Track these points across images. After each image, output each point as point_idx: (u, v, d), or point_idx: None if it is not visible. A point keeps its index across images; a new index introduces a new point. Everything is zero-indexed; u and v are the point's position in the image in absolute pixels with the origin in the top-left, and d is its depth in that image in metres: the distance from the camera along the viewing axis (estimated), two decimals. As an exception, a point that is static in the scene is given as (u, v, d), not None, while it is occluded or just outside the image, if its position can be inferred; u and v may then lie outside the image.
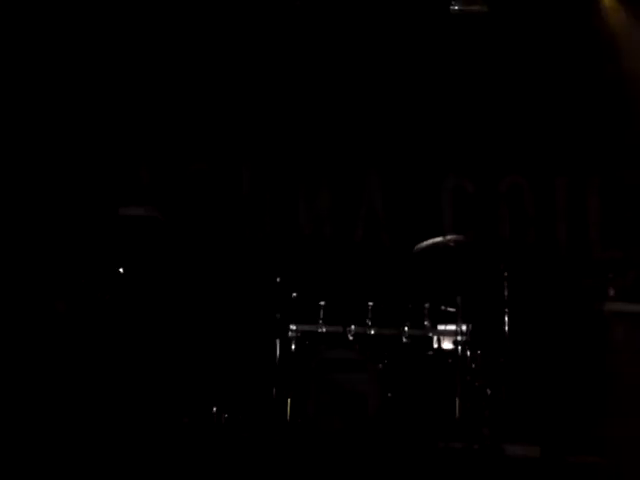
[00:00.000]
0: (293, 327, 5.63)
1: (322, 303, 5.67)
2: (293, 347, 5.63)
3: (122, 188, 6.49)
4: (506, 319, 5.50)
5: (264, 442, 5.16)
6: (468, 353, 5.44)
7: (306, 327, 5.67)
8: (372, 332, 5.63)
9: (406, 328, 5.60)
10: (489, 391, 5.38)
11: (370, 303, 5.65)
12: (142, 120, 6.56)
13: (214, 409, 5.35)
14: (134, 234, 5.20)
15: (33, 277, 5.67)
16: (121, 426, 4.82)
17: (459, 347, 5.44)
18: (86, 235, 6.03)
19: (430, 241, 5.70)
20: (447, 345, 5.63)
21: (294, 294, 5.68)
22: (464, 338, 5.45)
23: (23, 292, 5.62)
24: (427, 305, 5.64)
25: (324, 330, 5.66)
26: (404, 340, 5.60)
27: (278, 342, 5.61)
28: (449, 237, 5.64)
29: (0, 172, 5.89)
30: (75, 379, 4.98)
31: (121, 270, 5.10)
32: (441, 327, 5.66)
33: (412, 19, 6.60)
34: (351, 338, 5.63)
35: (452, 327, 5.55)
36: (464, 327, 5.46)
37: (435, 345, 5.63)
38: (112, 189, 6.43)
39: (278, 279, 5.70)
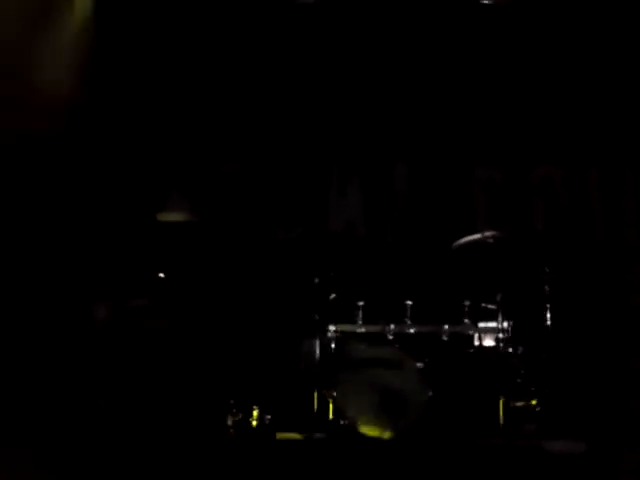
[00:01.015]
0: (332, 328, 5.62)
1: (361, 303, 5.67)
2: (333, 347, 5.63)
3: (157, 192, 6.53)
4: (548, 314, 5.46)
5: (307, 443, 5.18)
6: (510, 350, 5.42)
7: (345, 327, 5.67)
8: (412, 331, 5.61)
9: (446, 326, 5.58)
10: (532, 387, 5.35)
11: (409, 302, 5.63)
12: (173, 124, 6.57)
13: (256, 410, 5.36)
14: (173, 239, 5.21)
15: (73, 283, 5.70)
16: (165, 430, 4.84)
17: (501, 344, 5.42)
18: (125, 241, 6.07)
19: (468, 238, 5.68)
20: (488, 342, 5.60)
21: (332, 295, 5.67)
22: (505, 335, 5.42)
23: (64, 298, 5.66)
24: (467, 302, 5.61)
25: (363, 330, 5.65)
26: (444, 338, 5.58)
27: (318, 343, 5.61)
28: (487, 233, 5.61)
29: (37, 180, 5.92)
30: (117, 384, 5.00)
31: (161, 275, 5.11)
32: (482, 324, 5.64)
33: (441, 10, 6.55)
34: (391, 337, 5.62)
35: (493, 324, 5.53)
36: (505, 324, 5.43)
37: (476, 342, 5.62)
38: (148, 194, 6.47)
39: (316, 280, 5.70)
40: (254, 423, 5.30)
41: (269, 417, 5.33)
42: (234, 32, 6.62)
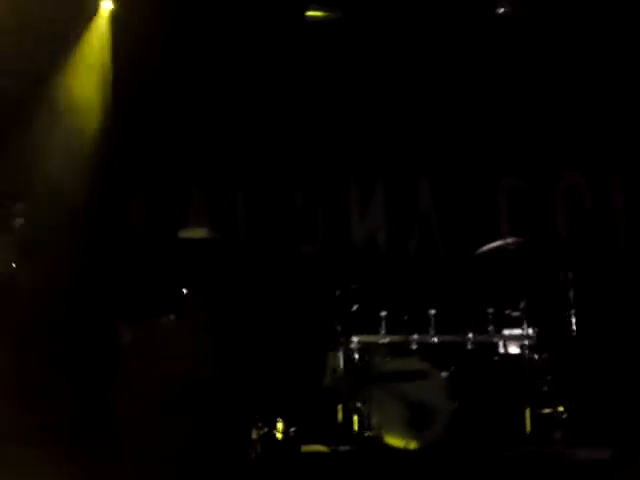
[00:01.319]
0: (355, 339, 5.61)
1: (383, 314, 5.64)
2: (356, 359, 5.61)
3: (178, 210, 6.59)
4: (573, 320, 5.40)
5: (332, 455, 5.16)
6: (535, 357, 5.36)
7: (368, 338, 5.65)
8: (435, 340, 5.58)
9: (470, 334, 5.54)
10: (558, 394, 5.28)
11: (432, 311, 5.59)
12: (196, 144, 6.64)
13: (281, 423, 5.36)
14: (197, 256, 5.25)
15: (98, 302, 5.77)
16: (192, 445, 4.84)
17: (526, 351, 5.37)
18: (148, 258, 6.13)
19: (490, 245, 5.64)
20: (513, 350, 5.55)
21: (355, 306, 5.66)
22: (530, 342, 5.37)
23: (87, 319, 5.72)
24: (491, 310, 5.56)
25: (387, 340, 5.62)
26: (469, 347, 5.54)
27: (341, 354, 5.60)
28: (509, 240, 5.58)
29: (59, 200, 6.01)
30: (142, 401, 5.02)
31: (185, 291, 5.15)
32: (506, 332, 5.58)
33: (459, 23, 6.56)
34: (414, 347, 5.58)
35: (517, 331, 5.48)
36: (530, 331, 5.39)
37: (501, 350, 5.56)
38: (171, 212, 6.53)
39: (337, 292, 5.69)
40: (279, 436, 5.29)
41: (294, 430, 5.32)
42: (254, 55, 6.68)
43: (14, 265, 5.24)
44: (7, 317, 5.11)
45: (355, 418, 5.46)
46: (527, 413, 5.20)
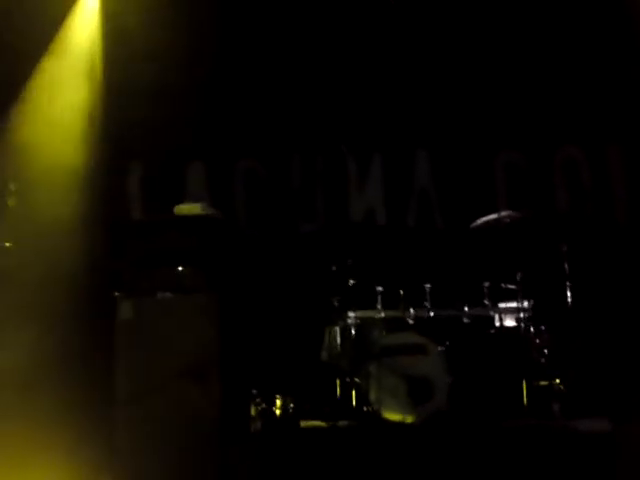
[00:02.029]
0: (352, 314, 5.61)
1: (380, 289, 5.64)
2: (353, 333, 5.61)
3: (174, 185, 6.58)
4: (568, 293, 5.39)
5: (331, 430, 5.17)
6: (532, 329, 5.36)
7: (365, 313, 5.65)
8: (432, 314, 5.57)
9: (466, 308, 5.53)
10: (555, 367, 5.29)
11: (428, 285, 5.59)
12: (192, 119, 6.60)
13: (279, 400, 5.37)
14: (194, 232, 5.23)
15: (97, 280, 5.78)
16: (190, 422, 4.86)
17: (522, 324, 5.36)
18: (145, 235, 6.10)
19: (485, 218, 5.63)
20: (509, 323, 5.55)
21: (351, 281, 5.65)
22: (526, 314, 5.37)
23: (89, 295, 5.73)
24: (486, 284, 5.55)
25: (383, 315, 5.63)
26: (465, 320, 5.53)
27: (338, 329, 5.61)
28: (503, 213, 5.55)
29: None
30: (141, 377, 5.02)
31: (180, 268, 5.13)
32: (502, 305, 5.58)
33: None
34: (411, 322, 5.59)
35: (513, 304, 5.47)
36: (526, 303, 5.38)
37: (497, 323, 5.56)
38: (168, 188, 6.53)
39: (334, 268, 5.68)
40: (278, 412, 5.31)
41: (292, 405, 5.34)
42: (250, 26, 6.63)
43: (8, 245, 5.24)
44: (4, 297, 5.12)
45: (353, 393, 5.48)
46: (524, 386, 5.20)
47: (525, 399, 5.20)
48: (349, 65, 6.60)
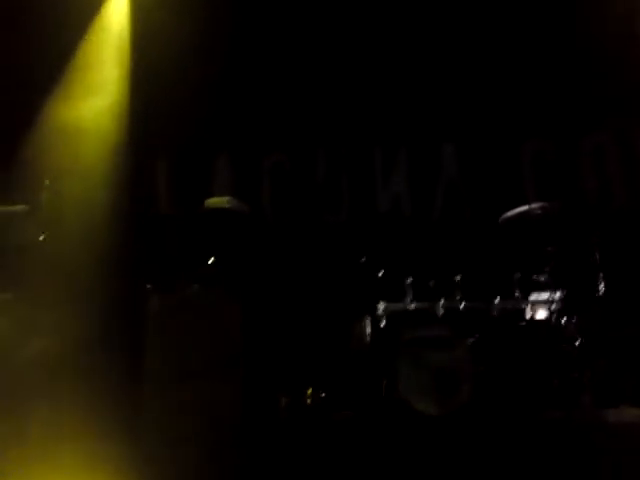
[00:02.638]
0: (382, 306, 5.62)
1: (409, 280, 5.64)
2: (382, 326, 5.62)
3: (202, 181, 6.61)
4: (600, 283, 5.36)
5: (361, 421, 5.19)
6: (563, 321, 5.34)
7: (394, 305, 5.65)
8: (461, 307, 5.57)
9: (496, 300, 5.52)
10: (587, 358, 5.26)
11: (458, 277, 5.58)
12: (218, 112, 6.63)
13: (310, 389, 5.40)
14: (220, 226, 5.26)
15: (127, 273, 5.82)
16: (222, 413, 4.89)
17: (553, 316, 5.34)
18: (173, 229, 6.16)
19: (516, 210, 5.60)
20: (540, 315, 5.52)
21: (380, 273, 5.66)
22: (558, 306, 5.34)
23: (115, 288, 5.78)
24: (517, 276, 5.53)
25: (413, 307, 5.63)
26: (495, 313, 5.51)
27: (368, 321, 5.61)
28: (535, 205, 5.53)
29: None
30: (170, 370, 5.07)
31: (210, 262, 5.18)
32: (533, 297, 5.56)
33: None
34: (440, 314, 5.58)
35: (544, 296, 5.45)
36: (557, 295, 5.35)
37: (528, 316, 5.54)
38: (196, 182, 6.56)
39: (363, 260, 5.69)
40: (308, 403, 5.33)
41: (323, 396, 5.36)
42: (276, 20, 6.64)
43: (41, 238, 5.30)
44: (38, 289, 5.19)
45: (383, 385, 5.48)
46: (555, 378, 5.18)
47: (556, 391, 5.17)
48: (376, 58, 6.59)
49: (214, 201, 5.90)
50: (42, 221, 5.30)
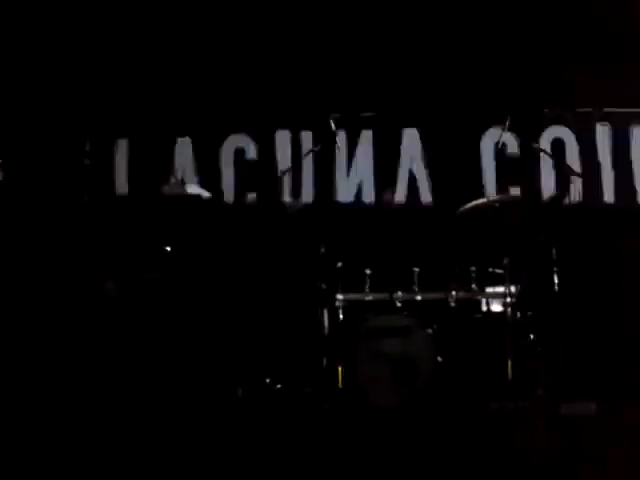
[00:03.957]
0: (340, 297, 5.62)
1: (368, 271, 5.64)
2: (341, 316, 5.62)
3: (159, 165, 6.53)
4: (555, 278, 5.41)
5: (318, 412, 5.21)
6: (518, 314, 5.39)
7: (353, 296, 5.66)
8: (419, 298, 5.58)
9: (453, 292, 5.54)
10: (541, 351, 5.33)
11: (416, 269, 5.59)
12: (179, 95, 6.54)
13: (267, 380, 5.39)
14: (179, 212, 5.21)
15: (81, 259, 5.75)
16: (175, 402, 4.88)
17: (508, 309, 5.38)
18: (131, 215, 6.08)
19: (473, 203, 5.62)
20: (496, 307, 5.57)
21: (339, 264, 5.65)
22: (513, 299, 5.39)
23: (72, 273, 5.70)
24: (474, 268, 5.55)
25: (371, 298, 5.64)
26: (452, 304, 5.55)
27: (326, 312, 5.61)
28: (492, 197, 5.55)
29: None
30: (128, 359, 5.04)
31: (168, 249, 5.12)
32: (489, 289, 5.59)
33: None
34: (399, 305, 5.60)
35: (500, 289, 5.48)
36: (513, 288, 5.40)
37: (484, 308, 5.58)
38: (153, 168, 6.48)
39: (322, 250, 5.68)
40: (264, 394, 5.33)
41: (279, 387, 5.36)
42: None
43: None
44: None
45: (340, 375, 5.50)
46: (509, 370, 5.24)
47: (510, 382, 5.24)
48: (339, 40, 6.54)
49: (173, 186, 5.84)
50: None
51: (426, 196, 6.56)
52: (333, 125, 5.64)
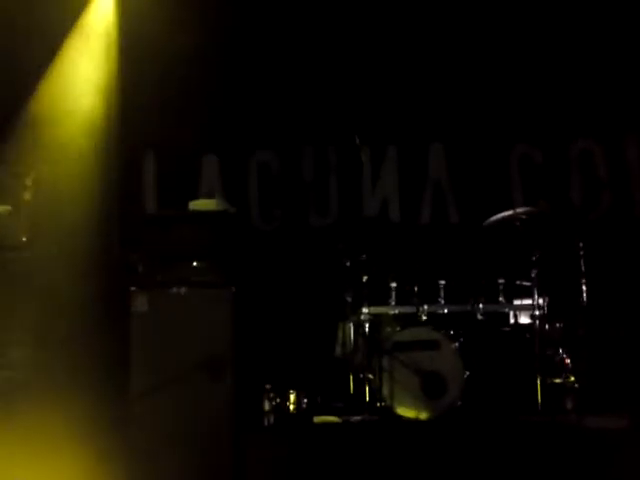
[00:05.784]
0: (365, 310, 5.60)
1: (393, 285, 5.63)
2: (367, 330, 5.61)
3: (189, 180, 6.59)
4: (584, 289, 5.35)
5: (344, 426, 5.18)
6: (546, 326, 5.33)
7: (379, 309, 5.64)
8: (445, 311, 5.56)
9: (481, 305, 5.51)
10: (570, 364, 5.27)
11: (442, 282, 5.57)
12: (206, 112, 6.60)
13: (293, 394, 5.38)
14: (206, 227, 5.24)
15: (112, 274, 5.80)
16: (203, 415, 4.88)
17: (537, 321, 5.33)
18: (158, 230, 6.12)
19: (500, 215, 5.59)
20: (524, 320, 5.52)
21: (365, 277, 5.64)
22: (541, 312, 5.33)
23: (105, 289, 5.76)
24: (501, 280, 5.53)
25: (397, 311, 5.62)
26: (479, 317, 5.51)
27: (352, 325, 5.60)
28: (520, 210, 5.52)
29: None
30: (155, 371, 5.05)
31: (195, 264, 5.15)
32: (517, 302, 5.55)
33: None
34: (424, 318, 5.57)
35: (528, 301, 5.43)
36: (541, 300, 5.34)
37: (512, 320, 5.54)
38: (182, 183, 6.54)
39: (347, 263, 5.68)
40: (291, 407, 5.32)
41: (306, 401, 5.35)
42: (267, 17, 6.61)
43: (24, 239, 5.26)
44: (22, 291, 5.16)
45: (366, 389, 5.48)
46: (538, 383, 5.18)
47: (539, 396, 5.18)
48: (364, 56, 6.56)
49: (201, 202, 5.87)
50: (24, 222, 5.27)
51: (453, 210, 6.53)
52: (358, 140, 5.64)
